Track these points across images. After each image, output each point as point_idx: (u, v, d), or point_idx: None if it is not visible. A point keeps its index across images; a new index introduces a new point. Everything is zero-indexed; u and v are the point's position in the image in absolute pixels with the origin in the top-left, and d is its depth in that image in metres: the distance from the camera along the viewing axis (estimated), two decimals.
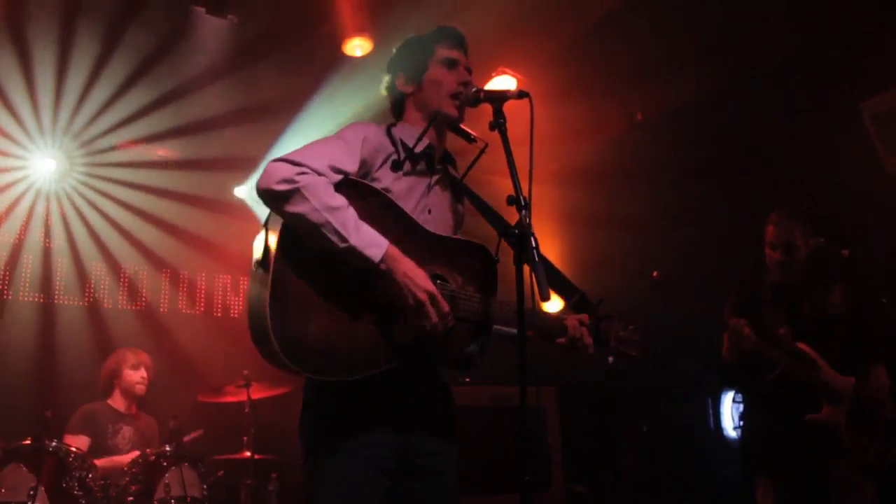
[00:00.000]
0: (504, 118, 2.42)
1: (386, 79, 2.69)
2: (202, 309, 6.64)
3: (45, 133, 5.90)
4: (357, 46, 5.21)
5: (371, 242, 2.20)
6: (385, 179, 2.44)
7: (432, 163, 2.59)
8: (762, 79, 5.14)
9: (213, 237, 6.57)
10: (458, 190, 2.71)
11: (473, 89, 2.56)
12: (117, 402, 5.11)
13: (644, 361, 2.76)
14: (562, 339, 2.53)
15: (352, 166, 2.34)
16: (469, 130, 2.66)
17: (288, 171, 2.19)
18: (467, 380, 5.36)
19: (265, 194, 2.21)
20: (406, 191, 2.47)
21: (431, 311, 2.22)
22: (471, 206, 2.70)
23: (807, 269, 3.98)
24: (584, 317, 2.58)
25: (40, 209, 6.10)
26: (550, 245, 6.34)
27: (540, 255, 2.24)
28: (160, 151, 6.50)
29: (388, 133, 2.54)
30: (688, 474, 6.32)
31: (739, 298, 4.06)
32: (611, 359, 2.79)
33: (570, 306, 2.64)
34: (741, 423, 4.22)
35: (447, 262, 2.41)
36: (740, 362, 3.90)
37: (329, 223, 2.16)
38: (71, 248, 6.17)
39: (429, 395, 2.47)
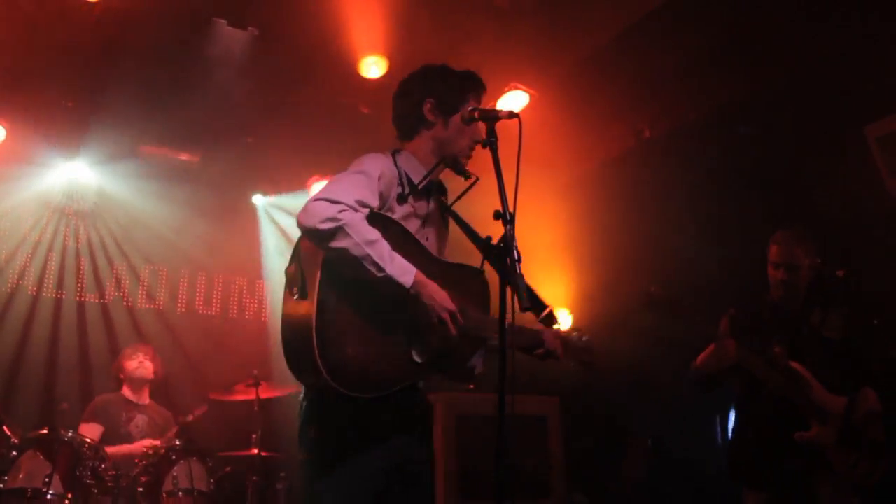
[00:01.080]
0: (496, 137, 2.57)
1: (409, 97, 2.81)
2: (218, 310, 6.82)
3: (70, 137, 6.12)
4: (373, 65, 5.34)
5: (404, 270, 2.42)
6: (397, 211, 2.62)
7: (429, 193, 2.78)
8: (769, 99, 5.21)
9: (230, 241, 6.75)
10: (446, 215, 2.89)
11: (469, 108, 2.70)
12: (128, 393, 5.33)
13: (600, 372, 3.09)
14: (540, 350, 2.80)
15: (374, 201, 2.53)
16: (468, 171, 2.84)
17: (330, 210, 2.37)
18: (471, 387, 5.45)
19: (311, 233, 2.39)
20: (410, 219, 2.66)
21: (453, 326, 2.47)
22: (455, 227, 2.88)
23: (805, 290, 4.06)
24: (559, 330, 2.83)
25: (65, 210, 6.34)
26: (558, 258, 6.42)
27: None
28: (182, 156, 6.69)
29: (395, 163, 2.71)
30: (692, 488, 6.34)
31: (738, 315, 4.13)
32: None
33: (539, 320, 2.78)
34: (731, 436, 4.27)
35: (455, 284, 2.60)
36: (731, 375, 4.01)
37: (369, 256, 2.36)
38: (92, 248, 6.42)
39: (416, 406, 2.66)
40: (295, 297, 2.42)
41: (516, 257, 2.36)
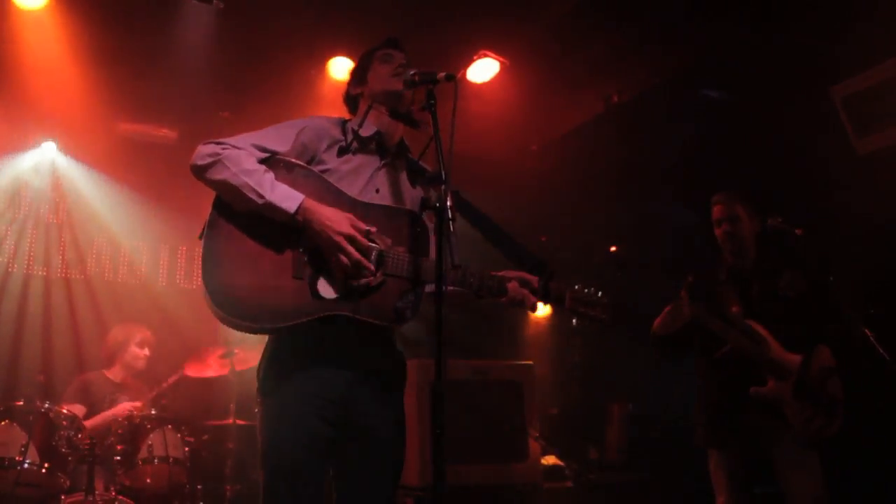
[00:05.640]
0: (434, 100, 2.61)
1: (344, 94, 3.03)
2: (199, 283, 6.85)
3: (46, 114, 6.14)
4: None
5: (286, 196, 2.48)
6: (330, 161, 2.70)
7: (384, 149, 2.83)
8: (735, 62, 5.22)
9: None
10: (415, 174, 2.93)
11: (411, 72, 2.75)
12: (115, 373, 5.35)
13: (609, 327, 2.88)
14: (503, 299, 2.72)
15: (280, 147, 2.63)
16: (414, 119, 2.89)
17: (212, 147, 2.52)
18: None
19: (193, 169, 2.54)
20: (353, 171, 2.74)
21: (351, 249, 2.47)
22: None
23: (758, 251, 4.14)
24: (530, 277, 2.75)
25: (44, 187, 6.39)
26: (536, 218, 6.43)
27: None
28: (160, 132, 6.71)
29: (343, 125, 2.83)
30: (673, 454, 6.42)
31: (696, 279, 4.20)
32: (574, 320, 2.87)
33: (526, 270, 2.80)
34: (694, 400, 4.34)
35: (375, 225, 2.60)
36: (691, 338, 4.08)
37: (247, 184, 2.45)
38: (72, 225, 6.49)
39: (375, 356, 2.67)
40: (199, 237, 2.52)
41: (450, 216, 2.38)
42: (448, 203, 2.39)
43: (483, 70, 5.78)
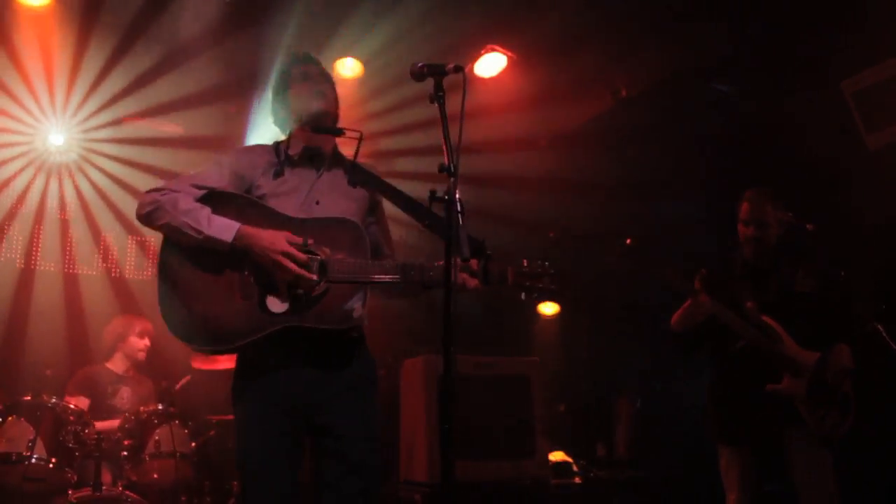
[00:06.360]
0: (443, 91, 2.59)
1: (269, 117, 3.16)
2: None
3: (51, 108, 6.12)
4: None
5: (223, 228, 2.67)
6: (266, 186, 2.88)
7: (317, 162, 2.97)
8: (745, 56, 5.19)
9: None
10: (359, 178, 3.02)
11: (419, 65, 2.72)
12: (117, 364, 5.36)
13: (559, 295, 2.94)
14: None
15: (216, 182, 2.83)
16: (338, 128, 3.01)
17: (152, 196, 2.75)
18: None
19: (139, 218, 2.78)
20: (290, 190, 2.89)
21: (288, 263, 2.63)
22: None
23: (776, 246, 4.09)
24: (470, 261, 2.78)
25: (51, 182, 6.42)
26: (544, 213, 6.40)
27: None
28: (166, 127, 6.70)
29: (276, 147, 3.01)
30: (681, 450, 6.39)
31: (711, 272, 4.16)
32: (523, 295, 2.91)
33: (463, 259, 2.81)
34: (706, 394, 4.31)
35: (324, 237, 2.75)
36: (706, 333, 4.04)
37: (186, 223, 2.67)
38: (79, 220, 6.49)
39: (335, 360, 2.78)
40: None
41: (459, 209, 2.38)
42: (457, 195, 2.39)
43: (491, 64, 5.75)
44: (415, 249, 5.36)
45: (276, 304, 2.67)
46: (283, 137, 3.09)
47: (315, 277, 2.66)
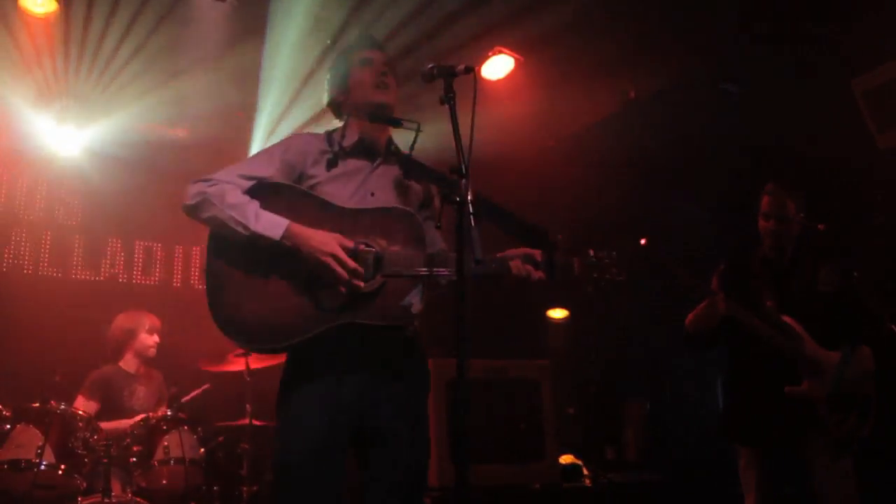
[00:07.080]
0: (454, 93, 2.56)
1: (325, 97, 3.05)
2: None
3: (62, 114, 6.14)
4: None
5: (271, 224, 2.57)
6: (320, 175, 2.78)
7: (372, 153, 2.87)
8: (752, 56, 5.16)
9: None
10: (414, 170, 2.92)
11: (429, 66, 2.70)
12: (129, 364, 5.28)
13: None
14: (509, 280, 2.69)
15: (265, 171, 2.73)
16: (399, 118, 2.90)
17: (200, 186, 2.64)
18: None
19: (185, 209, 2.66)
20: (344, 180, 2.79)
21: (338, 269, 2.53)
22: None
23: (797, 244, 4.03)
24: (533, 252, 2.72)
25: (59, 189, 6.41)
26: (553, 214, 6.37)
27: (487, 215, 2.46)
28: (175, 132, 6.70)
29: (329, 136, 2.90)
30: (691, 453, 6.36)
31: (728, 270, 4.11)
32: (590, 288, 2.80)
33: (530, 245, 2.77)
34: (722, 395, 4.26)
35: (369, 230, 2.66)
36: (723, 332, 3.97)
37: (233, 217, 2.56)
38: (86, 225, 6.51)
39: (389, 358, 2.67)
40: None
41: (471, 211, 2.35)
42: (469, 197, 2.36)
43: (498, 67, 5.74)
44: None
45: (329, 301, 2.56)
46: (313, 127, 3.03)
47: (362, 285, 2.56)
